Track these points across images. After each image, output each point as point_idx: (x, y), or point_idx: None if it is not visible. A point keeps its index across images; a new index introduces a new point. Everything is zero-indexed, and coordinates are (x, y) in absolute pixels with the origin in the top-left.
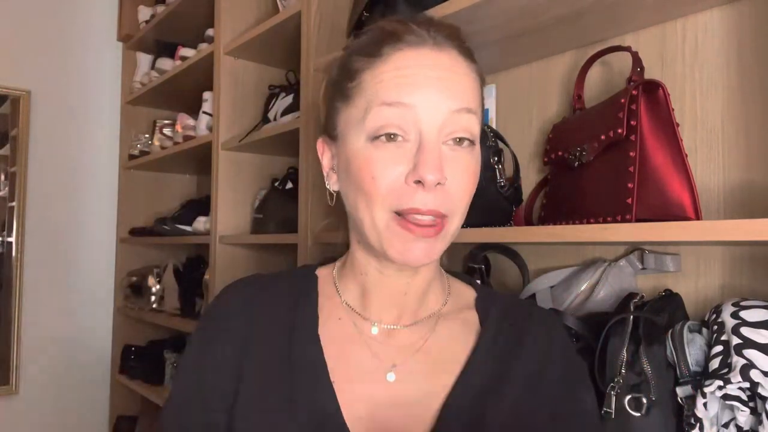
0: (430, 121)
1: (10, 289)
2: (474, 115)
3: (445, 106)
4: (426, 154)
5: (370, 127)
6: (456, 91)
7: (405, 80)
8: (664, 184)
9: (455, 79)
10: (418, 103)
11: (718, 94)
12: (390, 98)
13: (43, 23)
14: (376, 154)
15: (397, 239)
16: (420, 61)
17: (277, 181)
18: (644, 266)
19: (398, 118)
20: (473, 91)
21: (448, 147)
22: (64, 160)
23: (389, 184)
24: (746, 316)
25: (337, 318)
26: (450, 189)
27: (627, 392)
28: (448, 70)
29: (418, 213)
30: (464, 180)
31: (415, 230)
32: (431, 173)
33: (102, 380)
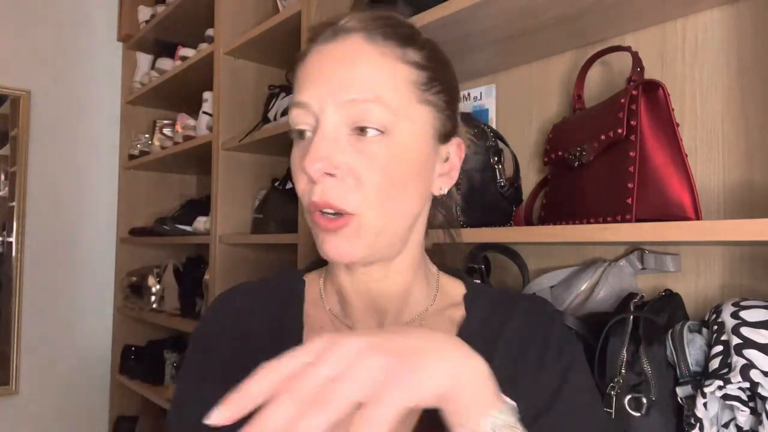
0: (325, 114)
1: (10, 289)
2: (375, 104)
3: (335, 98)
4: (312, 144)
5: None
6: (349, 82)
7: (304, 79)
8: (664, 184)
9: (351, 69)
10: (310, 100)
11: (718, 94)
12: (295, 98)
13: (43, 23)
14: (294, 154)
15: (317, 235)
16: (321, 56)
17: (277, 181)
18: (644, 266)
19: (302, 116)
20: (375, 78)
21: (353, 137)
22: (64, 160)
23: (299, 181)
24: (746, 316)
25: (320, 327)
26: (350, 179)
27: (627, 392)
28: (344, 60)
29: (317, 207)
30: (369, 171)
31: (322, 224)
32: (308, 163)
33: (102, 380)
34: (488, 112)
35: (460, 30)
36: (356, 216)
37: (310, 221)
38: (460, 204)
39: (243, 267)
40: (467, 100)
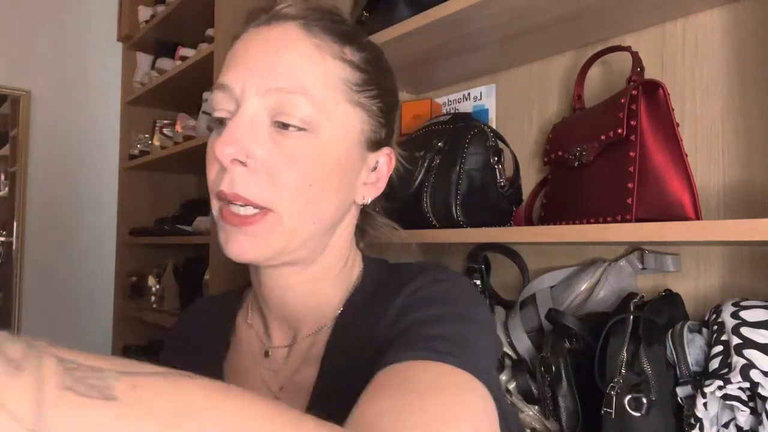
0: (245, 100)
1: (10, 289)
2: (299, 96)
3: (259, 85)
4: (225, 129)
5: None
6: (277, 68)
7: (230, 62)
8: (664, 184)
9: (281, 56)
10: (232, 83)
11: (718, 94)
12: (219, 80)
13: (43, 23)
14: (211, 143)
15: (222, 230)
16: (252, 39)
17: None
18: (644, 266)
19: (222, 101)
20: (310, 69)
21: (274, 129)
22: (64, 160)
23: (215, 171)
24: (746, 316)
25: (241, 343)
26: (262, 172)
27: (627, 392)
28: (272, 47)
29: (224, 197)
30: (285, 168)
31: (229, 219)
32: (220, 147)
33: None
34: (488, 112)
35: (460, 30)
36: (270, 213)
37: (216, 215)
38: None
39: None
40: (467, 100)
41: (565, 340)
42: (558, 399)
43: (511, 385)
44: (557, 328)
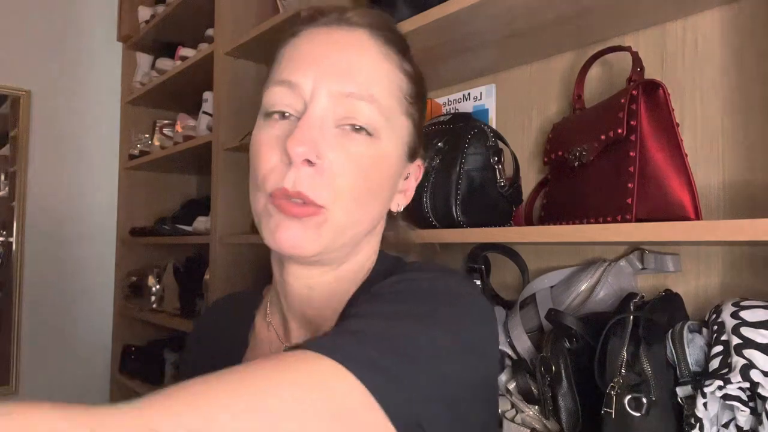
0: (315, 99)
1: (10, 289)
2: (369, 104)
3: (330, 87)
4: (298, 127)
5: (264, 105)
6: (349, 73)
7: (298, 58)
8: (664, 184)
9: (353, 61)
10: (303, 83)
11: (718, 94)
12: (281, 76)
13: (43, 23)
14: (264, 133)
15: (271, 220)
16: (322, 39)
17: None
18: (644, 266)
19: (286, 97)
20: (376, 78)
21: (339, 131)
22: (64, 160)
23: (269, 163)
24: (746, 316)
25: (260, 340)
26: (327, 174)
27: (627, 392)
28: (348, 50)
29: (286, 194)
30: (349, 169)
31: (285, 207)
32: (295, 145)
33: (102, 380)
34: (488, 112)
35: (460, 30)
36: (324, 210)
37: (265, 206)
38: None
39: (243, 267)
40: (467, 100)
41: (565, 340)
42: (558, 399)
43: (511, 385)
44: (557, 328)
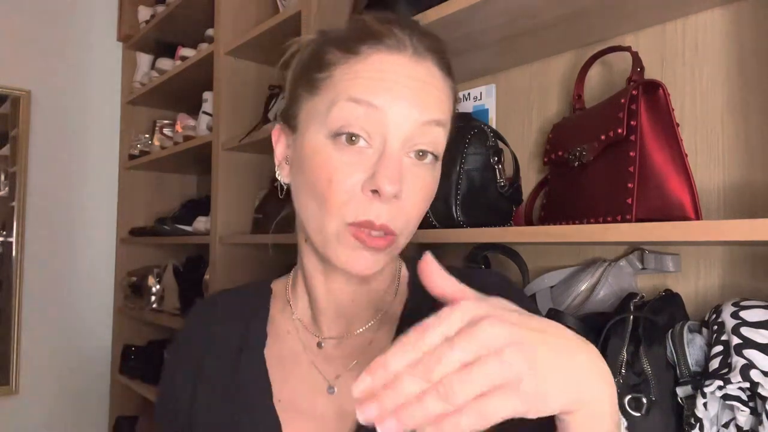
0: (397, 128)
1: (10, 289)
2: (443, 129)
3: (414, 116)
4: (387, 162)
5: (334, 122)
6: (429, 102)
7: (378, 81)
8: (664, 184)
9: (429, 91)
10: (387, 108)
11: (718, 94)
12: (359, 95)
13: (43, 23)
14: (336, 156)
15: (346, 247)
16: (397, 68)
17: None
18: (644, 266)
19: (364, 119)
20: (446, 105)
21: (410, 160)
22: (64, 160)
23: (346, 191)
24: (746, 316)
25: (285, 333)
26: (404, 204)
27: (627, 392)
28: (423, 81)
29: (371, 227)
30: (420, 197)
31: (367, 240)
32: (390, 184)
33: (102, 380)
34: (488, 112)
35: (460, 30)
36: (396, 236)
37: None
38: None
39: (243, 267)
40: (467, 100)
41: None
42: None
43: None
44: None
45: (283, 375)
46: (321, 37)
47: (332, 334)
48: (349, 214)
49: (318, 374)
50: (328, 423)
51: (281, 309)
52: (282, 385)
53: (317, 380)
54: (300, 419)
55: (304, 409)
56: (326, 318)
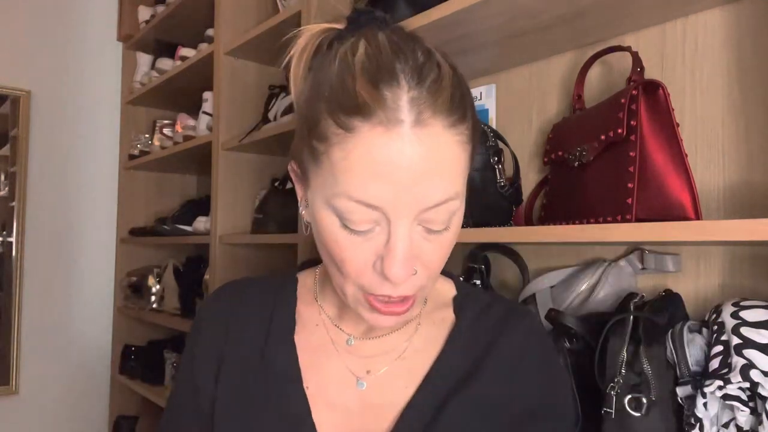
0: (401, 218)
1: (10, 289)
2: (456, 200)
3: (418, 204)
4: (393, 251)
5: (337, 211)
6: (436, 183)
7: (372, 175)
8: (664, 184)
9: (436, 170)
10: (386, 204)
11: (718, 94)
12: (356, 194)
13: (42, 23)
14: (345, 238)
15: (366, 310)
16: (394, 149)
17: (277, 181)
18: (644, 266)
19: (365, 215)
20: (459, 167)
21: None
22: (64, 160)
23: (358, 269)
24: (746, 316)
25: (314, 325)
26: (422, 271)
27: (627, 392)
28: (427, 158)
29: (390, 300)
30: (438, 256)
31: (383, 309)
32: (398, 274)
33: (102, 380)
34: (488, 112)
35: (460, 30)
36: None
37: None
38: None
39: (243, 267)
40: None
41: (565, 340)
42: None
43: None
44: (557, 328)
45: (311, 363)
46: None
47: (359, 334)
48: (365, 287)
49: (346, 368)
50: (354, 416)
51: (309, 302)
52: (311, 372)
53: (346, 373)
54: (327, 408)
55: (332, 399)
56: (355, 318)
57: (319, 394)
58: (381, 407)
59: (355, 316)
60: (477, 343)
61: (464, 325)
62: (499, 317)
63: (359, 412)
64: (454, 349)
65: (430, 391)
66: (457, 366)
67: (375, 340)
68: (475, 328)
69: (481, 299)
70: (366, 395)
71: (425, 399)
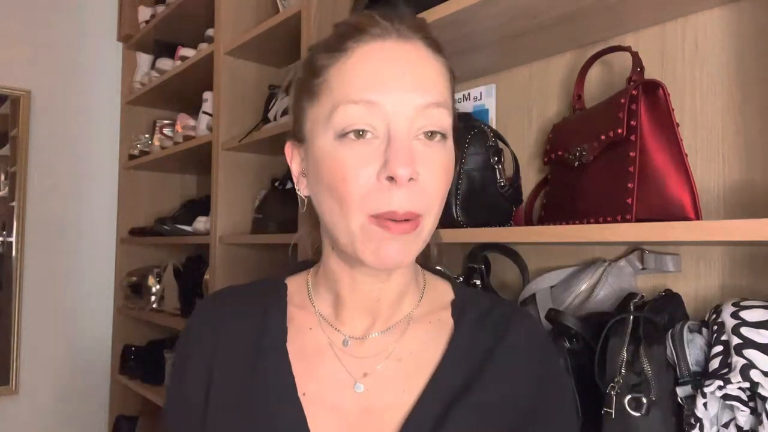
0: (399, 116)
1: (10, 289)
2: (444, 109)
3: (412, 101)
4: (396, 148)
5: (337, 124)
6: (424, 85)
7: (370, 76)
8: (664, 184)
9: (422, 73)
10: (384, 100)
11: (718, 94)
12: (356, 96)
13: (43, 23)
14: (345, 154)
15: (373, 240)
16: (385, 55)
17: (277, 181)
18: (644, 266)
19: (365, 116)
20: (442, 84)
21: (420, 142)
22: (64, 160)
23: (362, 185)
24: (746, 316)
25: (308, 329)
26: (424, 186)
27: (627, 392)
28: (414, 63)
29: (395, 217)
30: (438, 175)
31: (392, 227)
32: (402, 167)
33: (102, 380)
34: (488, 112)
35: (460, 30)
36: (421, 218)
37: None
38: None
39: (243, 267)
40: (467, 100)
41: (565, 340)
42: None
43: None
44: (557, 328)
45: (307, 369)
46: (311, 51)
47: (356, 333)
48: (370, 207)
49: (344, 370)
50: (353, 418)
51: (301, 305)
52: (307, 378)
53: (343, 376)
54: (325, 412)
55: (330, 402)
56: (351, 317)
57: (316, 399)
58: (379, 411)
59: (352, 314)
60: (478, 349)
61: (464, 330)
62: (498, 321)
63: (359, 415)
64: (455, 356)
65: (433, 398)
66: (459, 372)
67: (371, 339)
68: (476, 334)
69: (481, 303)
70: (363, 398)
71: (428, 406)
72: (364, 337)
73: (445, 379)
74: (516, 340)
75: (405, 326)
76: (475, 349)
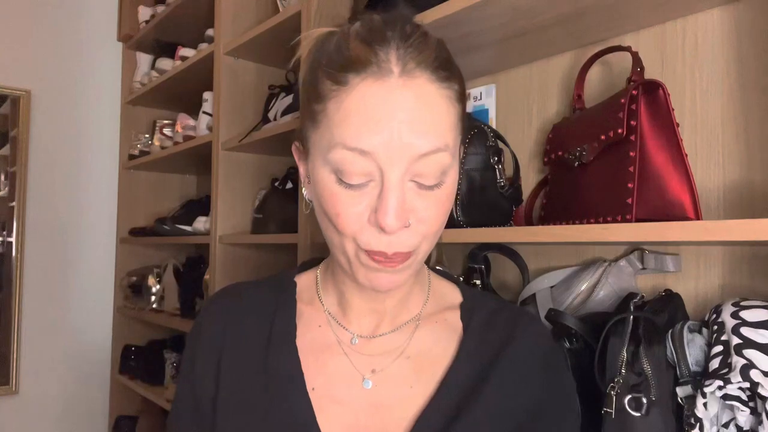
0: (393, 165)
1: (10, 289)
2: (446, 152)
3: (408, 151)
4: (386, 198)
5: (333, 164)
6: (423, 130)
7: (364, 122)
8: (664, 184)
9: (422, 118)
10: (378, 150)
11: (718, 94)
12: (350, 143)
13: (43, 23)
14: (341, 192)
15: (366, 267)
16: (384, 97)
17: (277, 181)
18: (644, 266)
19: (359, 164)
20: (445, 122)
21: (416, 184)
22: (64, 160)
23: (354, 222)
24: (746, 316)
25: (317, 326)
26: (417, 228)
27: (627, 392)
28: (413, 107)
29: (385, 257)
30: (433, 215)
31: (383, 262)
32: (392, 220)
33: (102, 380)
34: (488, 112)
35: (460, 30)
36: (414, 252)
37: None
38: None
39: (243, 267)
40: (467, 100)
41: (565, 340)
42: None
43: None
44: (557, 328)
45: (316, 364)
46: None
47: (364, 332)
48: (361, 242)
49: (352, 366)
50: (360, 414)
51: (309, 302)
52: (316, 373)
53: (352, 372)
54: (334, 407)
55: (339, 398)
56: (357, 316)
57: (325, 394)
58: (388, 407)
59: (359, 314)
60: (486, 351)
61: (474, 332)
62: (507, 324)
63: (367, 411)
64: (466, 357)
65: (445, 397)
66: (469, 373)
67: (379, 338)
68: (484, 336)
69: (488, 305)
70: (372, 394)
71: (441, 404)
72: (373, 335)
73: (456, 379)
74: (523, 343)
75: (414, 325)
76: (484, 351)
